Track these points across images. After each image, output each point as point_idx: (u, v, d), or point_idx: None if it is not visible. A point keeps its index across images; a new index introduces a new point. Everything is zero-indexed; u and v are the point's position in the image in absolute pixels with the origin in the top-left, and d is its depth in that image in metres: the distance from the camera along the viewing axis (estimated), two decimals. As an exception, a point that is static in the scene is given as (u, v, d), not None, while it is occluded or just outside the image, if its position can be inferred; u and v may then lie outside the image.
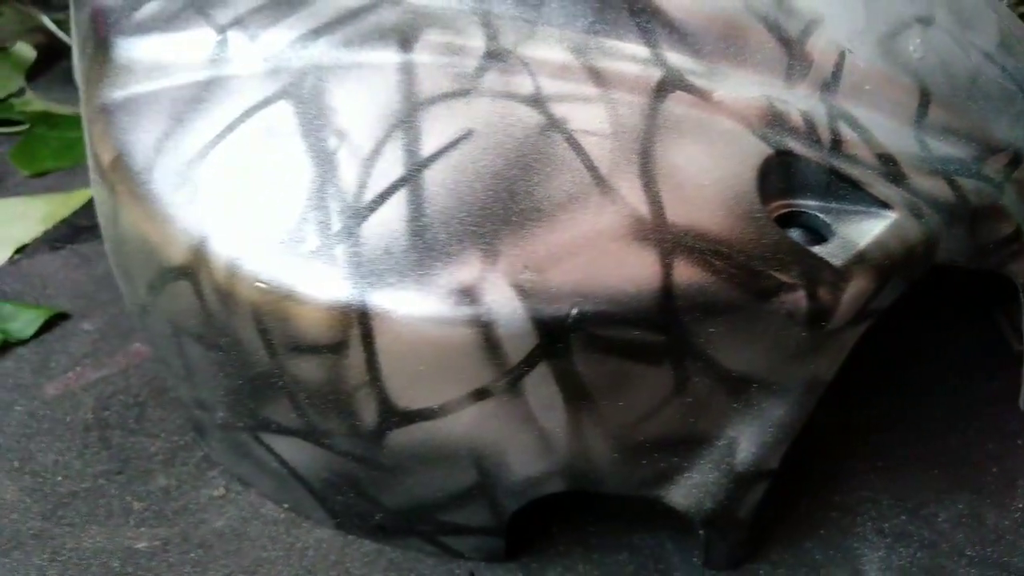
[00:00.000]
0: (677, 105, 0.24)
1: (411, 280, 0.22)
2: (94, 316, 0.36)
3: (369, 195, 0.22)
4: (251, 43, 0.25)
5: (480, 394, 0.22)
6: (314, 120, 0.24)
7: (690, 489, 0.25)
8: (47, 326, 0.36)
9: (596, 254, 0.22)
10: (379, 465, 0.24)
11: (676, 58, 0.25)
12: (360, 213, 0.22)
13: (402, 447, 0.24)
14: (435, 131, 0.23)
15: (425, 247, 0.22)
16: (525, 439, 0.23)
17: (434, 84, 0.24)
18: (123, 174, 0.25)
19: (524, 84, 0.24)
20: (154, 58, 0.26)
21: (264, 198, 0.23)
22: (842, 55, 0.25)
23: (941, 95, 0.26)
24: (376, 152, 0.23)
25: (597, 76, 0.24)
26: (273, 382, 0.24)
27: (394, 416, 0.23)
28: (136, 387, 0.33)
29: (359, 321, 0.22)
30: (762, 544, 0.27)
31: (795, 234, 0.24)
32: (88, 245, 0.40)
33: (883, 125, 0.25)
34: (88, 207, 0.43)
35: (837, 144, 0.24)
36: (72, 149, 0.47)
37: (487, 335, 0.21)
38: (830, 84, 0.25)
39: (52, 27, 0.54)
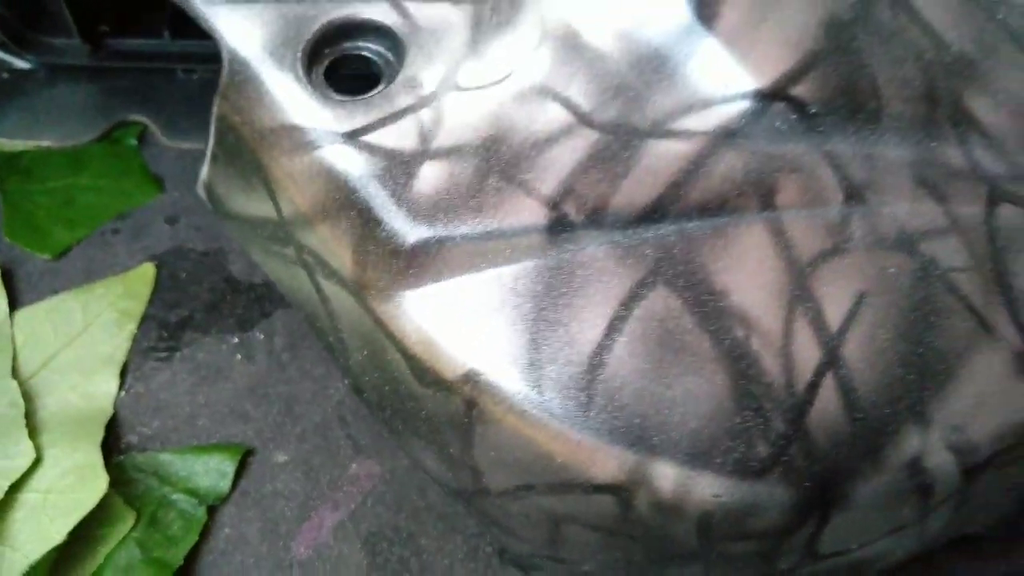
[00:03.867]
0: (1007, 217, 0.25)
1: (866, 467, 0.23)
2: (281, 444, 0.33)
3: (800, 386, 0.23)
4: (595, 216, 0.23)
5: (895, 530, 0.25)
6: (704, 306, 0.23)
7: None
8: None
9: (998, 398, 0.24)
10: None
11: (991, 165, 0.26)
12: (799, 408, 0.22)
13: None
14: (832, 299, 0.23)
15: (866, 431, 0.23)
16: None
17: (809, 242, 0.23)
18: (492, 392, 0.23)
19: (888, 227, 0.24)
20: (456, 236, 0.23)
21: (691, 408, 0.22)
22: None
23: None
24: (787, 335, 0.23)
25: (941, 198, 0.25)
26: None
27: (812, 557, 0.25)
28: (390, 517, 0.31)
29: (819, 513, 0.23)
30: None
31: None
32: (199, 347, 0.35)
33: None
34: (160, 291, 0.36)
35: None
36: (73, 205, 0.39)
37: (926, 494, 0.24)
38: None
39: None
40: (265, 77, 0.24)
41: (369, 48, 0.26)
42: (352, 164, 0.23)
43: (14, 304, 0.35)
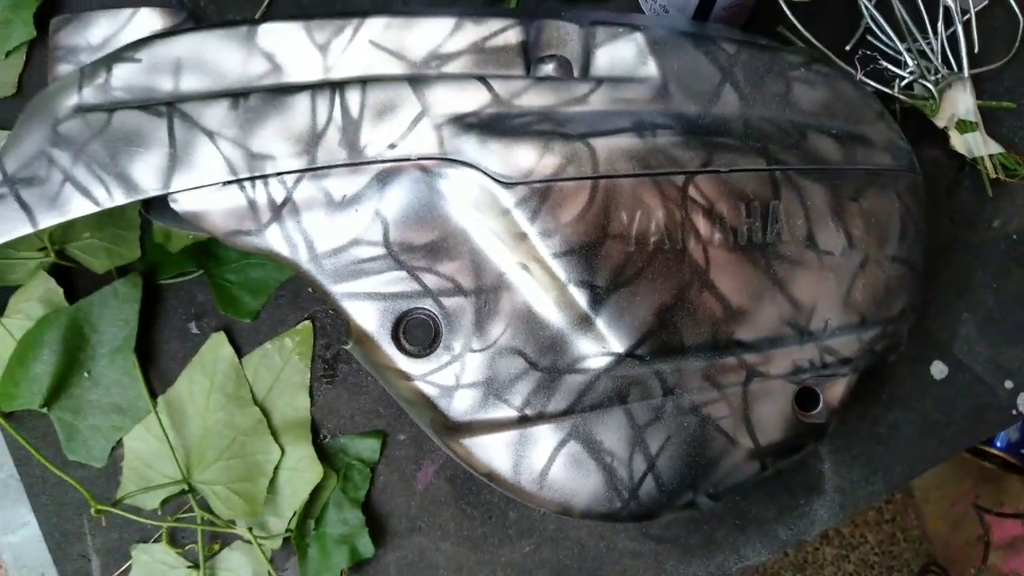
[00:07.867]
0: (756, 386, 0.50)
1: (667, 506, 0.51)
2: (400, 428, 0.62)
3: (636, 479, 0.50)
4: (541, 413, 0.49)
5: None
6: (594, 449, 0.49)
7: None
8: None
9: (737, 472, 0.51)
10: None
11: (751, 358, 0.49)
12: (635, 489, 0.50)
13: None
14: (653, 440, 0.49)
15: (666, 494, 0.50)
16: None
17: (643, 416, 0.49)
18: (500, 479, 0.51)
19: (685, 403, 0.49)
20: (478, 420, 0.50)
21: (587, 488, 0.50)
22: (826, 322, 0.50)
23: (869, 312, 0.51)
24: (631, 458, 0.50)
25: (717, 384, 0.49)
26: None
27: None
28: (457, 467, 0.61)
29: (647, 520, 0.52)
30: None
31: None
32: (347, 373, 0.63)
33: (843, 340, 0.51)
34: (317, 337, 0.63)
35: (825, 366, 0.51)
36: (250, 280, 0.64)
37: (696, 509, 0.52)
38: (820, 337, 0.50)
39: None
40: (377, 341, 0.49)
41: (425, 312, 0.49)
42: (426, 389, 0.49)
43: (239, 353, 0.63)
